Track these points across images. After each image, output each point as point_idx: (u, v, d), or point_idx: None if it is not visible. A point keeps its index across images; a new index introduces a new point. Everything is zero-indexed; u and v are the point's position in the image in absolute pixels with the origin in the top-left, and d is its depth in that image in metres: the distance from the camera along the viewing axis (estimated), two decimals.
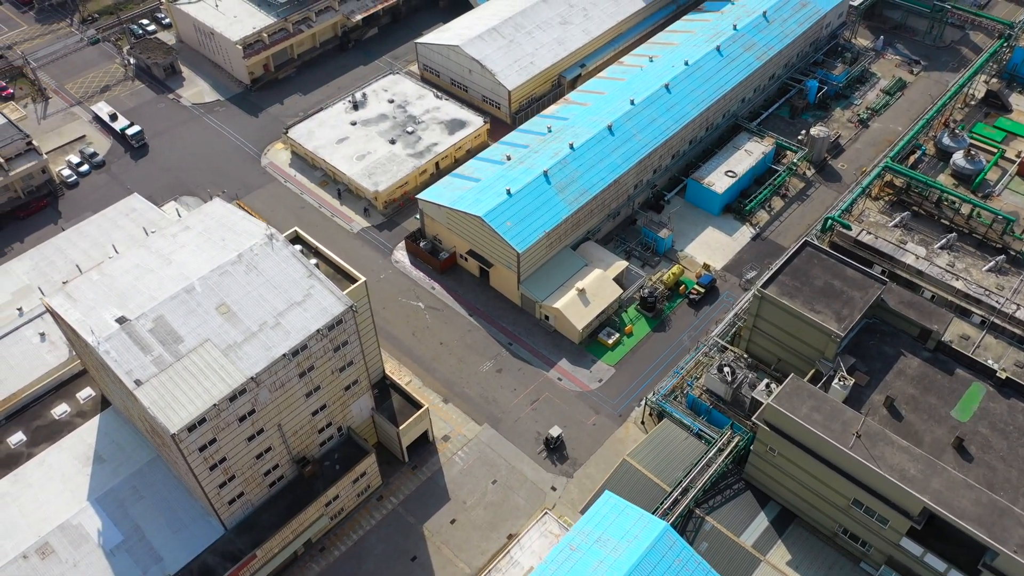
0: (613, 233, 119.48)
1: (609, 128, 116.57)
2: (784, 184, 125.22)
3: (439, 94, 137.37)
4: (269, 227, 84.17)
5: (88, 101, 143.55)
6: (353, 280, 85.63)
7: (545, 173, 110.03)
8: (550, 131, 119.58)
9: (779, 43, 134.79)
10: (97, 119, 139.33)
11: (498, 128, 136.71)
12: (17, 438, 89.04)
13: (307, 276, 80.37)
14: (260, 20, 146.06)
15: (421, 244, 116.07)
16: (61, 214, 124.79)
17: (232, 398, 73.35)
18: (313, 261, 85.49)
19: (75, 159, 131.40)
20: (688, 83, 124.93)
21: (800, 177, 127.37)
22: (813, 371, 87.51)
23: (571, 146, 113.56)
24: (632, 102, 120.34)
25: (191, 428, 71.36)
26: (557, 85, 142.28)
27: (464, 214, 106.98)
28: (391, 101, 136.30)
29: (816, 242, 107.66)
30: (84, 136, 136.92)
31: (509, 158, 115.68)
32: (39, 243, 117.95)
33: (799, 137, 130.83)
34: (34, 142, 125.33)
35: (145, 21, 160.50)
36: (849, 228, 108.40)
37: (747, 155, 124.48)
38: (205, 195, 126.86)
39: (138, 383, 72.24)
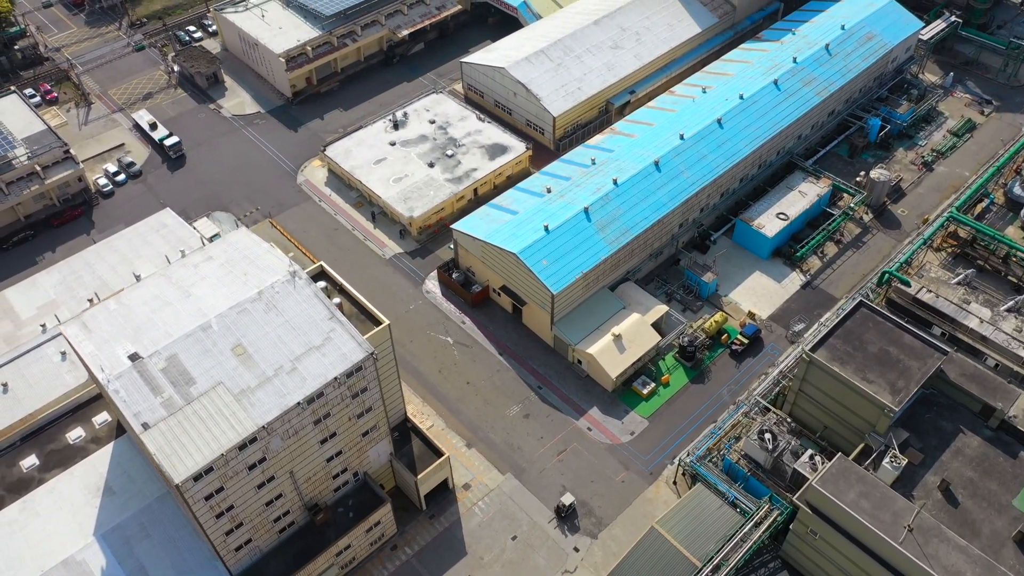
0: (654, 273, 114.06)
1: (656, 164, 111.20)
2: (839, 229, 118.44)
3: (482, 116, 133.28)
4: (292, 263, 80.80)
5: (130, 108, 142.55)
6: (377, 322, 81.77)
7: (586, 210, 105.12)
8: (594, 163, 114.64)
9: (841, 78, 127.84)
10: (137, 127, 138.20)
11: (541, 154, 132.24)
12: (30, 462, 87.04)
13: (328, 318, 76.71)
14: (305, 33, 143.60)
15: (453, 275, 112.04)
16: (94, 224, 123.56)
17: (242, 447, 70.00)
18: (336, 300, 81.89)
19: (112, 168, 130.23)
20: (742, 118, 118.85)
21: (857, 222, 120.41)
22: (862, 446, 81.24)
23: (615, 182, 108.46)
24: (681, 137, 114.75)
25: (197, 478, 68.15)
26: (604, 111, 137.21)
27: (499, 249, 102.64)
28: (432, 122, 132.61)
29: (871, 297, 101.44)
30: (123, 144, 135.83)
31: (549, 190, 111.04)
32: (70, 254, 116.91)
33: (857, 179, 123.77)
34: (72, 151, 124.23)
35: (192, 28, 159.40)
36: (908, 284, 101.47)
37: (801, 196, 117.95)
38: (238, 211, 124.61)
39: (145, 426, 69.26)
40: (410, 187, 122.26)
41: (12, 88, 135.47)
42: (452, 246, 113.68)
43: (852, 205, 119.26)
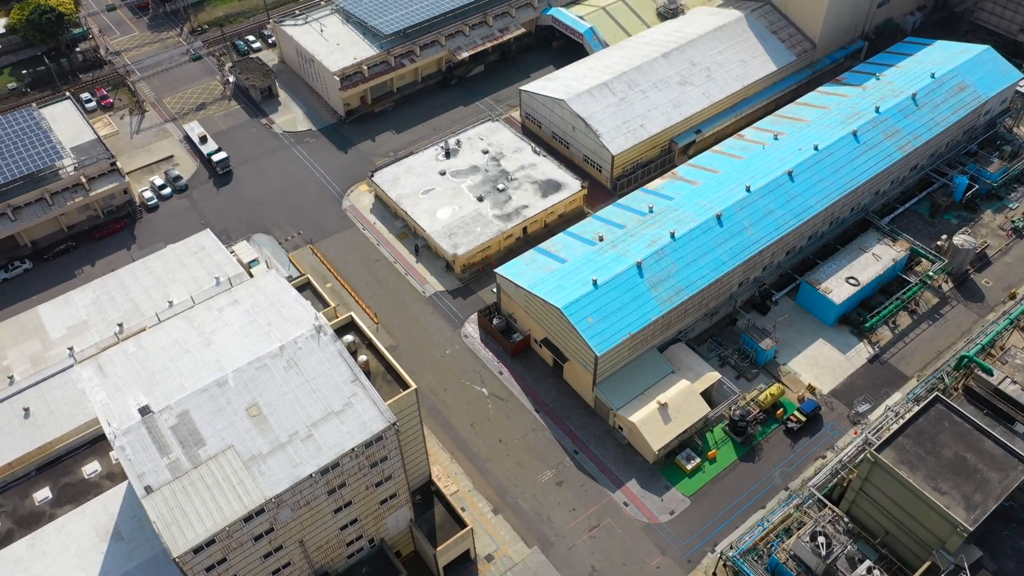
0: (709, 333, 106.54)
1: (718, 218, 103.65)
2: (914, 298, 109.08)
3: (537, 149, 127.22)
4: (319, 316, 76.03)
5: (182, 119, 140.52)
6: (404, 384, 76.42)
7: (638, 264, 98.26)
8: (651, 211, 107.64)
9: (928, 132, 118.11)
10: (187, 139, 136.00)
11: (597, 192, 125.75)
12: (43, 495, 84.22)
13: (351, 380, 71.70)
14: (362, 50, 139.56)
15: (494, 321, 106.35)
16: (135, 238, 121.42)
17: (248, 519, 65.44)
18: (363, 358, 76.78)
19: (159, 181, 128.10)
20: (815, 171, 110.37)
21: (935, 292, 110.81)
22: (928, 564, 72.84)
23: (672, 235, 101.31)
24: (748, 189, 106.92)
25: (197, 550, 63.79)
26: (667, 151, 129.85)
27: (543, 301, 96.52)
28: (485, 152, 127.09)
29: (947, 381, 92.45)
30: (172, 156, 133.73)
31: (601, 239, 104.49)
32: (108, 269, 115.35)
33: (938, 243, 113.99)
34: (118, 163, 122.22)
35: (251, 38, 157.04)
36: (990, 372, 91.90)
37: (874, 260, 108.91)
38: (280, 234, 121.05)
39: (148, 490, 65.20)
40: (457, 221, 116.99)
41: (67, 93, 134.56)
42: (495, 290, 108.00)
43: (931, 273, 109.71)
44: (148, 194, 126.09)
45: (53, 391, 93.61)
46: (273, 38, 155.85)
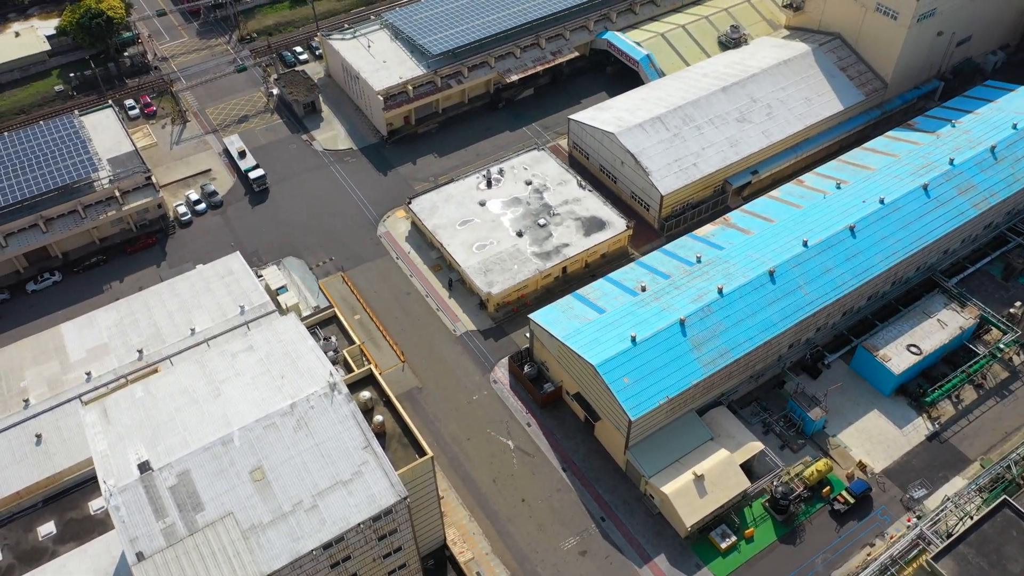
0: (753, 395, 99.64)
1: (770, 274, 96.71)
2: (982, 371, 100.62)
3: (583, 183, 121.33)
4: (335, 373, 71.62)
5: (224, 131, 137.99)
6: (420, 450, 71.57)
7: (682, 322, 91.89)
8: (699, 261, 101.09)
9: (1006, 189, 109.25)
10: (226, 153, 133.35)
11: (643, 231, 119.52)
12: (47, 529, 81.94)
13: (362, 447, 67.10)
14: (409, 70, 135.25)
15: (525, 369, 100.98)
16: (166, 255, 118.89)
17: None
18: (379, 418, 72.15)
19: (194, 196, 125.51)
20: (880, 228, 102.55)
21: (1005, 365, 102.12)
22: None
23: (720, 291, 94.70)
24: (805, 243, 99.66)
25: None
26: (721, 192, 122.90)
27: (577, 355, 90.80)
28: (528, 183, 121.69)
29: (1015, 472, 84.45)
30: (210, 170, 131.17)
31: (644, 288, 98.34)
32: (136, 285, 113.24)
33: (1011, 310, 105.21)
34: (153, 177, 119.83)
35: (299, 49, 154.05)
36: None
37: (939, 327, 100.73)
38: (311, 259, 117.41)
39: (140, 557, 61.40)
40: (493, 257, 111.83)
41: (109, 101, 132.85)
42: (528, 335, 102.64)
43: (1001, 344, 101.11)
44: (182, 209, 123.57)
45: (67, 418, 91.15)
46: (321, 50, 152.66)
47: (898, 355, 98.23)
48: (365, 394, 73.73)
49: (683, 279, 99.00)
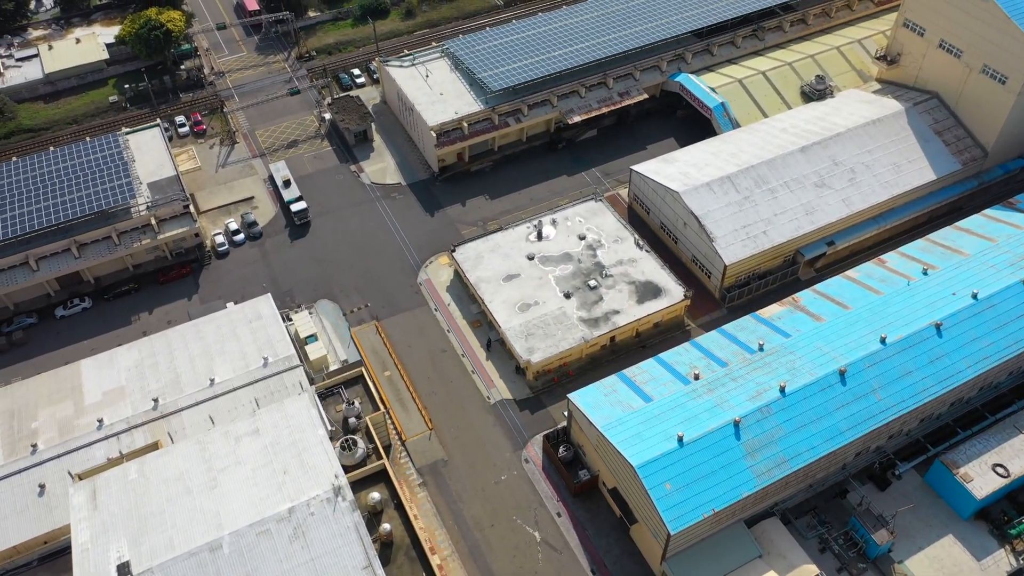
0: (811, 502, 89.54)
1: (841, 374, 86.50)
2: None
3: (640, 242, 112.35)
4: (340, 475, 64.77)
5: (271, 155, 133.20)
6: (429, 568, 64.26)
7: (736, 423, 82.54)
8: (761, 350, 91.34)
9: None
10: (271, 179, 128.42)
11: (702, 300, 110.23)
12: None
13: (362, 567, 60.15)
14: (466, 104, 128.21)
15: (560, 451, 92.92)
16: (199, 287, 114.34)
17: None
18: (387, 526, 65.17)
19: (233, 225, 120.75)
20: (971, 327, 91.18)
21: None
22: None
23: (782, 389, 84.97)
24: (883, 340, 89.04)
25: None
26: (791, 262, 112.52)
27: (616, 451, 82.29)
28: (582, 238, 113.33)
29: None
30: (252, 198, 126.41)
31: (697, 376, 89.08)
32: (165, 319, 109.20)
33: None
34: (197, 199, 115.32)
35: (356, 71, 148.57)
36: None
37: None
38: (346, 303, 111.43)
39: None
40: (537, 320, 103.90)
41: (157, 120, 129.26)
42: (566, 413, 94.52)
43: None
44: (220, 239, 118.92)
45: (73, 468, 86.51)
46: (378, 74, 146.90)
47: (981, 476, 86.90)
48: (374, 495, 67.02)
49: (742, 369, 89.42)
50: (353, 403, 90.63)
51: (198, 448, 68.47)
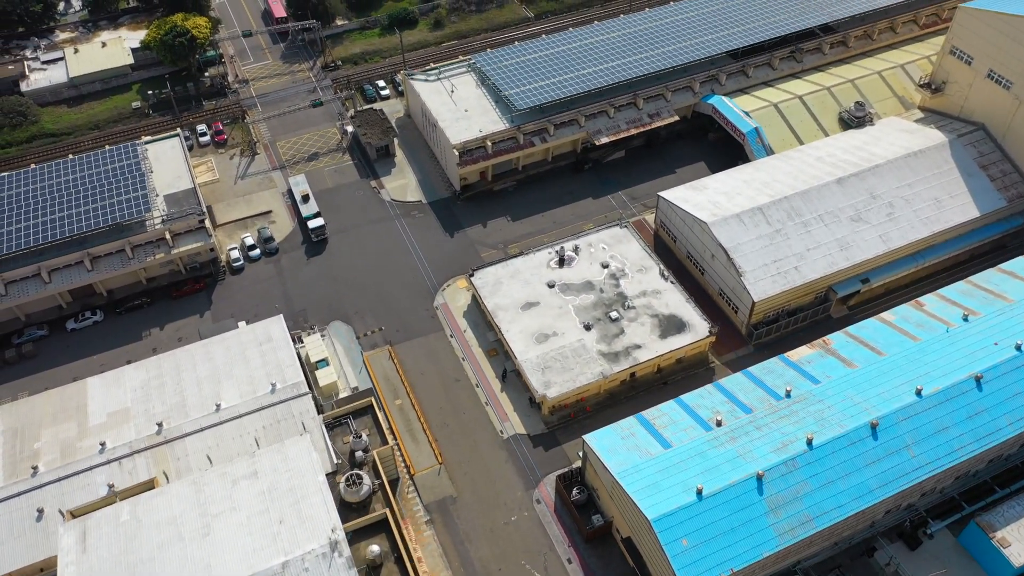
0: (835, 560, 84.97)
1: (873, 427, 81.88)
2: None
3: (665, 273, 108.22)
4: (338, 528, 61.72)
5: (291, 168, 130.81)
6: None
7: (759, 477, 78.31)
8: (788, 396, 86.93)
9: None
10: (290, 194, 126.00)
11: (728, 336, 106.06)
12: None
13: None
14: (490, 122, 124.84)
15: (574, 493, 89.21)
16: (211, 304, 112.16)
17: None
18: None
19: (250, 240, 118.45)
20: (1014, 381, 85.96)
21: None
22: None
23: (809, 441, 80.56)
24: (919, 392, 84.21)
25: None
26: (823, 299, 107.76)
27: (631, 500, 78.49)
28: (605, 266, 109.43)
29: None
30: (270, 212, 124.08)
31: (720, 423, 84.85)
32: (176, 336, 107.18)
33: None
34: (215, 211, 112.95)
35: (381, 83, 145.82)
36: None
37: None
38: (360, 326, 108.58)
39: None
40: (554, 352, 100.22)
41: (177, 130, 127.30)
42: (581, 454, 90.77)
43: None
44: (235, 254, 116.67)
45: (73, 493, 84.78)
46: (403, 87, 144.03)
47: (1020, 541, 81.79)
48: (373, 548, 63.96)
49: (767, 417, 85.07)
50: (361, 436, 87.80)
51: (193, 490, 65.85)
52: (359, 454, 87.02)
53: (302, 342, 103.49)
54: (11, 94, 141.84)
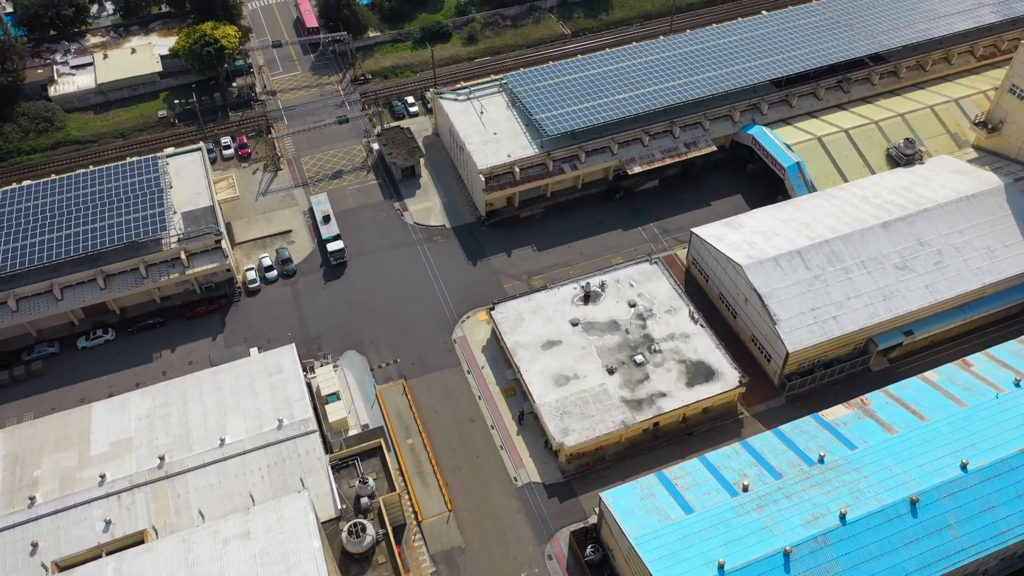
0: None
1: (912, 503, 76.08)
2: None
3: (695, 315, 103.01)
4: None
5: (315, 186, 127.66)
6: None
7: (787, 553, 72.99)
8: (821, 462, 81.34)
9: None
10: (311, 213, 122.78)
11: (759, 385, 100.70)
12: None
13: None
14: (520, 147, 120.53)
15: (588, 551, 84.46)
16: (225, 327, 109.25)
17: None
18: None
19: (267, 260, 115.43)
20: None
21: None
22: None
23: (842, 516, 75.02)
24: (964, 466, 78.19)
25: None
26: (863, 351, 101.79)
27: (648, 572, 73.60)
28: (632, 305, 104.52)
29: None
30: (290, 232, 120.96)
31: (746, 488, 79.54)
32: (187, 360, 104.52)
33: None
34: (223, 243, 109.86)
35: (411, 99, 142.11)
36: None
37: None
38: (375, 357, 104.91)
39: None
40: (575, 396, 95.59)
41: (200, 144, 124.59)
42: (598, 509, 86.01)
43: None
44: (252, 274, 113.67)
45: (69, 528, 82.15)
46: (432, 105, 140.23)
47: None
48: None
49: (797, 484, 79.55)
50: (367, 481, 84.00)
51: (183, 548, 62.46)
52: (364, 500, 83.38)
53: (314, 372, 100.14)
54: (39, 99, 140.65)
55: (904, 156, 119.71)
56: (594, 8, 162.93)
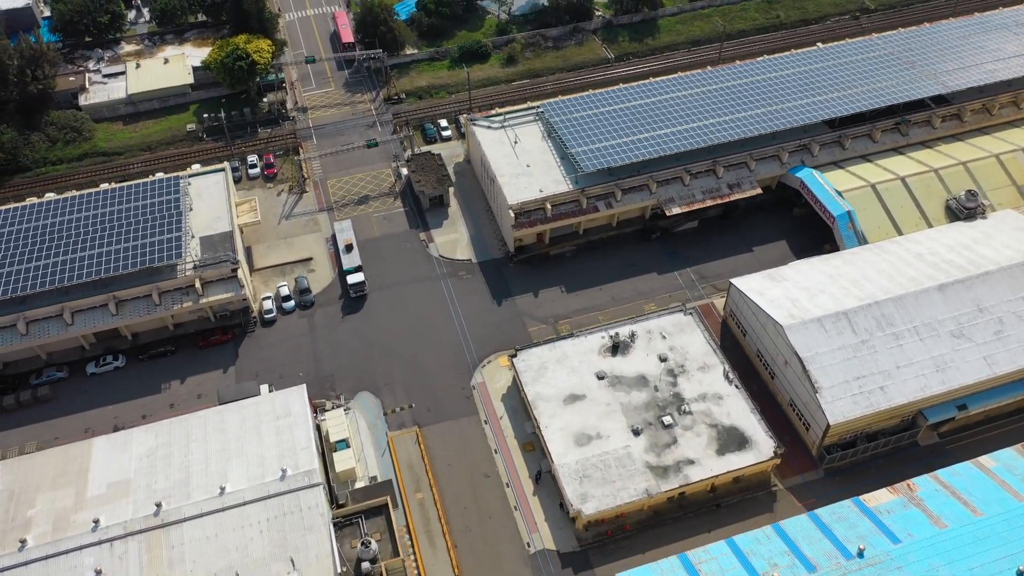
0: None
1: None
2: None
3: (730, 375, 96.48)
4: None
5: (339, 211, 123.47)
6: None
7: None
8: (860, 556, 74.57)
9: None
10: (333, 240, 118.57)
11: (796, 455, 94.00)
12: None
13: None
14: (553, 182, 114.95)
15: None
16: (237, 358, 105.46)
17: None
18: None
19: (285, 290, 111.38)
20: None
21: None
22: None
23: None
24: (1022, 574, 70.84)
25: None
26: (911, 424, 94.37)
27: None
28: (663, 359, 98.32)
29: None
30: (311, 259, 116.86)
31: None
32: (195, 393, 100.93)
33: None
34: (240, 272, 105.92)
35: (444, 123, 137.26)
36: None
37: None
38: (389, 401, 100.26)
39: None
40: (596, 458, 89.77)
41: (225, 164, 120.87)
42: None
43: None
44: (268, 304, 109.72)
45: (59, 575, 78.69)
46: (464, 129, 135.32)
47: None
48: None
49: None
50: (370, 544, 79.41)
51: None
52: (366, 565, 78.72)
53: (324, 413, 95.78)
54: (69, 107, 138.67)
55: (965, 209, 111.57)
56: (640, 32, 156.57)
